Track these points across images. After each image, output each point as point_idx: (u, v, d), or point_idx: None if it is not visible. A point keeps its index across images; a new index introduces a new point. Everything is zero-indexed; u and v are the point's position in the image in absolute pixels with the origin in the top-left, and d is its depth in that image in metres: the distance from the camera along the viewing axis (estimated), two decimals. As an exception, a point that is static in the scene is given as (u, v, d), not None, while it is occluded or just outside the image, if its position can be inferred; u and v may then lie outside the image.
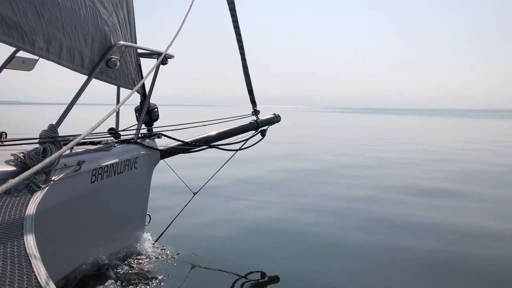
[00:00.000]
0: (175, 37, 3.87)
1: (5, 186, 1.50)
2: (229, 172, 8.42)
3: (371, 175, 10.36)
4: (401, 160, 13.42)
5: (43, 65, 4.23)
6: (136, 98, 4.67)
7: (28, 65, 4.32)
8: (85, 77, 3.59)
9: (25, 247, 1.68)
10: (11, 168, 2.62)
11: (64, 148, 1.94)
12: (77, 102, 3.44)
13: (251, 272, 4.30)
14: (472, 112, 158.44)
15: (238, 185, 8.87)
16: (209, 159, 10.01)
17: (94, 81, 3.74)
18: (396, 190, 8.58)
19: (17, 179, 1.55)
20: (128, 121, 4.74)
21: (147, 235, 4.72)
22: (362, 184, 9.19)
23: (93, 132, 3.86)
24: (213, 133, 5.12)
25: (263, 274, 4.27)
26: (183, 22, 4.05)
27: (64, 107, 3.34)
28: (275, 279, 4.16)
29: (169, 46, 3.84)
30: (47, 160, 1.74)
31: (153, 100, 4.60)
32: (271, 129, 6.13)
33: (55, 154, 1.80)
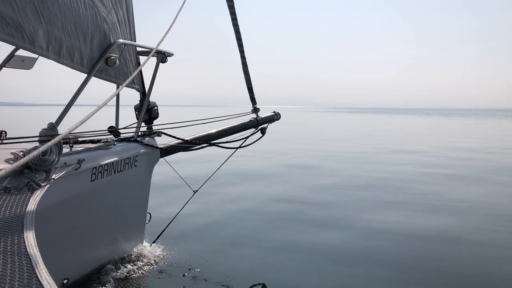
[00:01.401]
0: (166, 32, 3.85)
1: None
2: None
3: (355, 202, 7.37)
4: (398, 182, 9.42)
5: (45, 66, 4.22)
6: (136, 97, 4.66)
7: (27, 64, 4.31)
8: (85, 76, 3.59)
9: (25, 245, 1.68)
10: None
11: (49, 143, 1.92)
12: (78, 103, 3.44)
13: (250, 272, 4.30)
14: (490, 112, 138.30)
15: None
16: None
17: (94, 80, 3.73)
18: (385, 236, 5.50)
19: (2, 172, 1.54)
20: (128, 119, 4.73)
21: (147, 234, 4.72)
22: (335, 227, 5.95)
23: (92, 130, 3.86)
24: (213, 131, 5.12)
25: (262, 274, 4.27)
26: (175, 18, 4.03)
27: None
28: (274, 282, 4.16)
29: (160, 42, 3.82)
30: (33, 154, 1.74)
31: (152, 99, 4.59)
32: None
33: (40, 149, 1.80)
